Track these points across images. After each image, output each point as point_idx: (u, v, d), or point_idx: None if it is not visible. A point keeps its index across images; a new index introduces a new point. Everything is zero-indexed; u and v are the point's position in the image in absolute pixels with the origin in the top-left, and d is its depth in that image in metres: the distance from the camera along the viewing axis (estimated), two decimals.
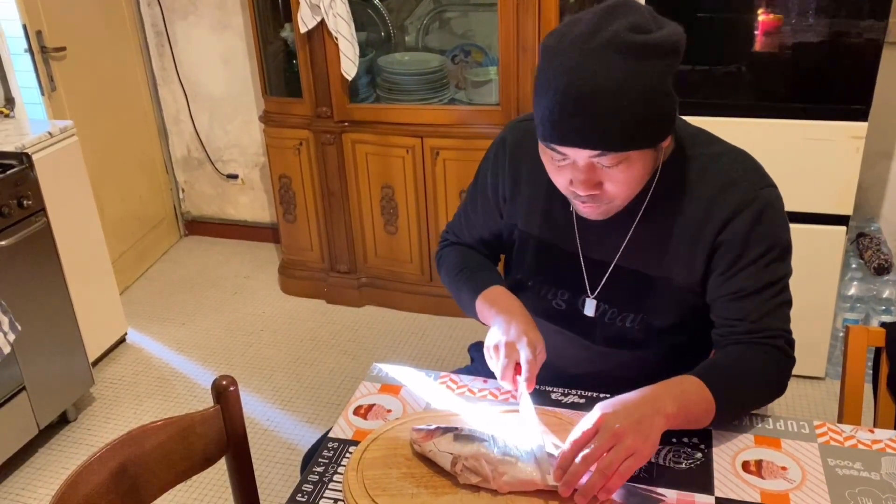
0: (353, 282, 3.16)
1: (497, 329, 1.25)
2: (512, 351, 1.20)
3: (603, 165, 1.10)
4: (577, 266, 1.31)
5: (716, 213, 1.19)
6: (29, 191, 2.28)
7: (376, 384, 1.33)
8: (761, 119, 2.31)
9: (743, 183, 1.19)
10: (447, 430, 1.10)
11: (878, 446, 1.13)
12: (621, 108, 1.03)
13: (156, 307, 3.25)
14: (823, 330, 2.49)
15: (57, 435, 2.51)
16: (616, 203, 1.17)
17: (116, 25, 3.29)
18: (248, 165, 3.65)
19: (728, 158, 1.22)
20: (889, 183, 2.87)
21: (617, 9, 1.06)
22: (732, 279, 1.20)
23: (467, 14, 3.02)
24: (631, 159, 1.10)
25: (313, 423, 2.53)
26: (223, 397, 1.23)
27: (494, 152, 1.39)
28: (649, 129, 1.08)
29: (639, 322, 1.29)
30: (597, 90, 1.02)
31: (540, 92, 1.08)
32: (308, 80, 2.86)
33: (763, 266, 1.18)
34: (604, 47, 1.02)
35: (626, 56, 1.02)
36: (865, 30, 2.17)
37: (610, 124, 1.04)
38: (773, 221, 1.19)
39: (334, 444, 1.18)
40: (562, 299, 1.34)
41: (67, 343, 2.48)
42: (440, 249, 1.53)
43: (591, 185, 1.12)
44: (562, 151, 1.10)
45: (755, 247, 1.18)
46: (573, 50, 1.04)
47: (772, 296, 1.20)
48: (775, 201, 1.20)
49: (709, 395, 1.11)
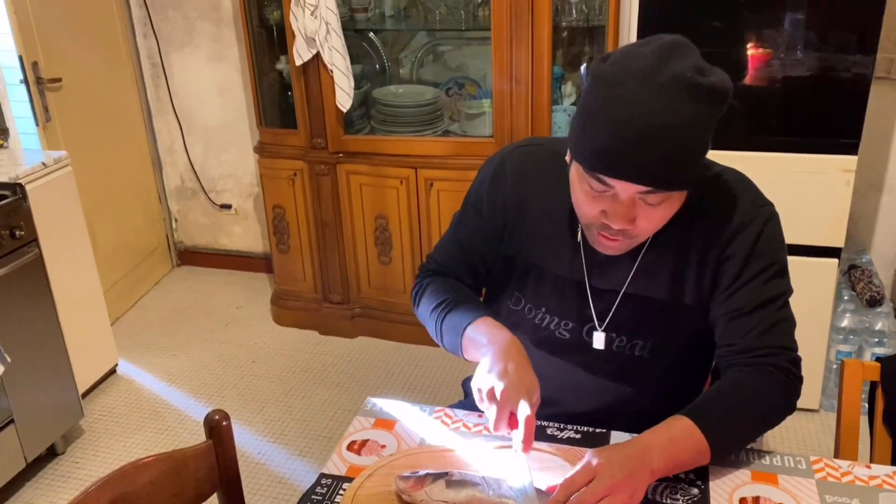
0: (347, 312, 3.15)
1: (490, 371, 1.15)
2: (507, 401, 1.12)
3: (646, 203, 1.09)
4: (584, 296, 1.29)
5: (719, 231, 1.20)
6: (21, 221, 2.28)
7: (370, 419, 1.32)
8: (753, 152, 2.33)
9: (744, 201, 1.20)
10: (437, 477, 1.06)
11: (876, 482, 1.13)
12: (681, 148, 1.03)
13: (147, 337, 3.23)
14: (817, 362, 2.49)
15: (45, 468, 2.47)
16: (639, 240, 1.17)
17: (112, 57, 3.31)
18: (242, 196, 3.65)
19: (727, 178, 1.23)
20: (880, 215, 2.90)
21: (678, 47, 1.05)
22: (733, 297, 1.20)
23: (461, 47, 3.05)
24: (673, 198, 1.11)
25: (305, 457, 2.50)
26: (216, 432, 1.21)
27: (491, 177, 1.33)
28: (696, 170, 1.10)
29: (648, 349, 1.28)
30: (664, 128, 1.01)
31: (594, 120, 1.05)
32: (303, 111, 2.88)
33: (763, 283, 1.19)
34: (672, 85, 1.01)
35: (692, 97, 1.02)
36: (854, 65, 2.20)
37: (669, 163, 1.04)
38: (774, 238, 1.21)
39: (327, 481, 1.17)
40: (566, 329, 1.31)
41: (57, 374, 2.46)
42: (419, 281, 1.43)
43: (627, 219, 1.10)
44: (610, 184, 1.08)
45: (756, 263, 1.19)
46: (638, 83, 1.02)
47: (772, 312, 1.19)
48: (774, 219, 1.22)
49: (700, 437, 1.09)
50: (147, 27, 3.40)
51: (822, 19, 2.20)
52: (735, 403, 1.15)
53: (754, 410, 1.16)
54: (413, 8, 2.97)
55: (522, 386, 1.13)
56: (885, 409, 1.34)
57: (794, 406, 1.20)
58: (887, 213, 2.88)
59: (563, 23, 2.66)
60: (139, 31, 3.43)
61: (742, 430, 1.16)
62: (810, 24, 2.21)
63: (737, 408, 1.15)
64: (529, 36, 2.54)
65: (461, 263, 1.40)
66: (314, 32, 2.65)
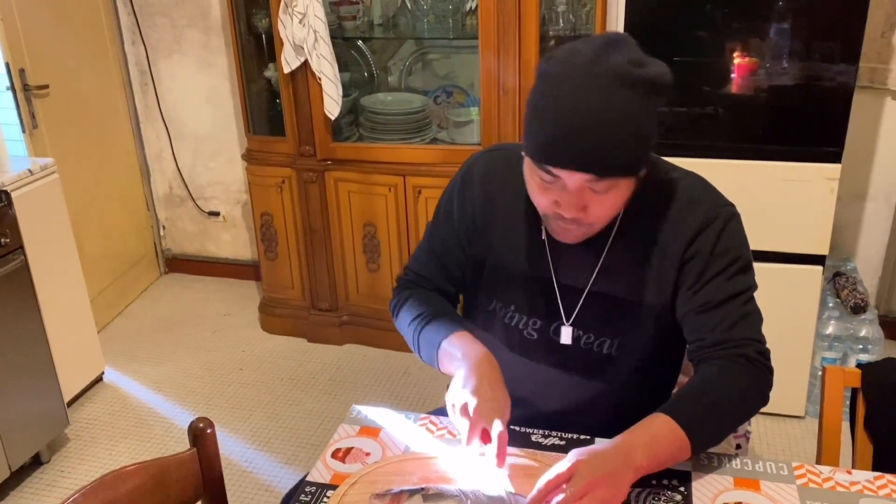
0: (335, 320, 3.15)
1: (464, 386, 1.18)
2: (480, 417, 1.14)
3: (593, 190, 1.13)
4: (552, 293, 1.31)
5: (681, 232, 1.23)
6: (7, 228, 2.27)
7: (355, 426, 1.32)
8: (738, 160, 2.35)
9: (704, 202, 1.24)
10: (413, 493, 1.06)
11: (856, 488, 1.14)
12: (621, 137, 1.08)
13: (134, 346, 3.21)
14: (802, 369, 2.51)
15: (29, 477, 2.45)
16: (595, 227, 1.21)
17: (100, 64, 3.30)
18: (230, 203, 3.65)
19: (688, 181, 1.27)
20: (864, 223, 2.92)
21: (616, 43, 1.11)
22: (699, 293, 1.22)
23: (449, 56, 3.07)
24: (619, 185, 1.14)
25: (291, 465, 2.49)
26: (200, 440, 1.21)
27: (460, 183, 1.40)
28: (640, 158, 1.14)
29: (616, 347, 1.30)
30: (601, 118, 1.07)
31: (538, 115, 1.12)
32: (291, 118, 2.88)
33: (727, 278, 1.22)
34: (608, 77, 1.07)
35: (627, 88, 1.07)
36: (837, 74, 2.23)
37: (609, 152, 1.09)
38: (736, 235, 1.24)
39: (312, 489, 1.17)
40: (534, 329, 1.34)
41: (42, 382, 2.44)
42: (397, 294, 1.46)
43: (578, 208, 1.15)
44: (556, 174, 1.12)
45: (719, 260, 1.22)
46: (577, 77, 1.08)
47: (738, 306, 1.21)
48: (735, 218, 1.25)
49: (681, 433, 1.12)
50: (135, 34, 3.40)
51: (806, 29, 2.22)
52: (711, 397, 1.17)
53: (730, 402, 1.18)
54: (401, 16, 2.98)
55: (495, 402, 1.16)
56: (866, 416, 1.35)
57: (767, 397, 1.22)
58: (871, 221, 2.91)
59: (550, 32, 2.67)
60: (127, 38, 3.43)
61: (719, 422, 1.18)
62: (794, 34, 2.23)
63: (713, 402, 1.17)
64: (517, 44, 2.55)
65: (438, 272, 1.43)
66: (302, 40, 2.66)
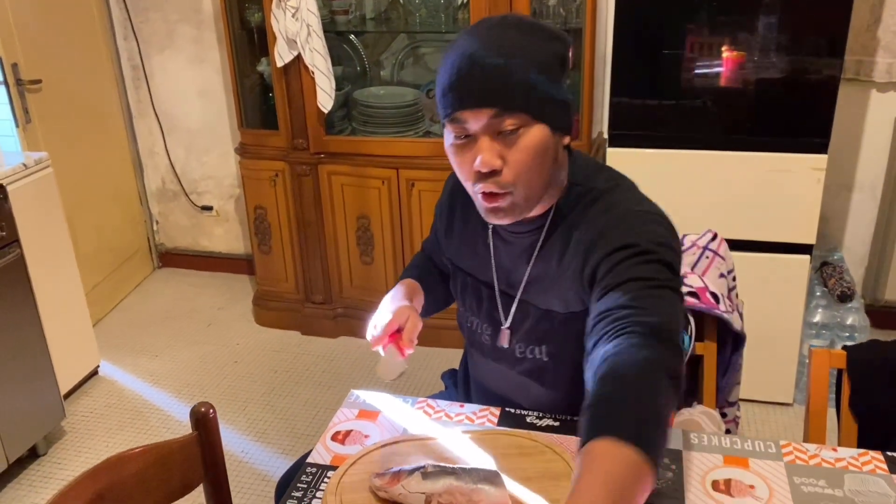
0: (329, 312, 3.17)
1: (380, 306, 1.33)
2: (383, 319, 1.28)
3: (502, 134, 1.11)
4: (493, 298, 1.35)
5: (589, 236, 1.19)
6: (3, 221, 2.28)
7: (354, 410, 1.35)
8: (726, 152, 2.39)
9: (619, 207, 1.20)
10: (412, 471, 1.08)
11: (841, 464, 1.17)
12: (515, 67, 1.10)
13: (129, 339, 3.22)
14: (790, 356, 2.55)
15: (26, 469, 2.47)
16: (518, 194, 1.15)
17: (93, 58, 3.31)
18: (223, 197, 3.66)
19: (617, 191, 1.23)
20: (851, 214, 2.97)
21: (518, 14, 1.22)
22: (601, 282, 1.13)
23: (441, 49, 3.09)
24: (529, 129, 1.12)
25: (288, 454, 2.52)
26: (202, 423, 1.24)
27: (442, 194, 1.47)
28: (543, 103, 1.13)
29: (546, 355, 1.30)
30: (491, 50, 1.11)
31: (440, 75, 1.16)
32: (284, 112, 2.90)
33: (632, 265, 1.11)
34: (503, 26, 1.15)
35: (519, 31, 1.14)
36: (823, 66, 2.26)
37: (505, 82, 1.10)
38: (643, 233, 1.15)
39: (312, 470, 1.20)
40: (487, 333, 1.37)
41: (39, 375, 2.46)
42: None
43: (492, 156, 1.12)
44: (463, 118, 1.12)
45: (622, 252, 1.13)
46: (473, 31, 1.16)
47: (641, 288, 1.08)
48: (647, 219, 1.18)
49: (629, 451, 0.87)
50: (127, 29, 3.41)
51: (792, 23, 2.25)
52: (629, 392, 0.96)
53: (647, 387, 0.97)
54: (393, 10, 3.00)
55: (393, 304, 1.31)
56: (851, 396, 1.39)
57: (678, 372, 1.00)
58: (858, 211, 2.96)
59: None
60: (119, 33, 3.43)
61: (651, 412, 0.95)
62: (781, 27, 2.26)
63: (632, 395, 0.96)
64: None
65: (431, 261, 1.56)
66: (295, 34, 2.68)
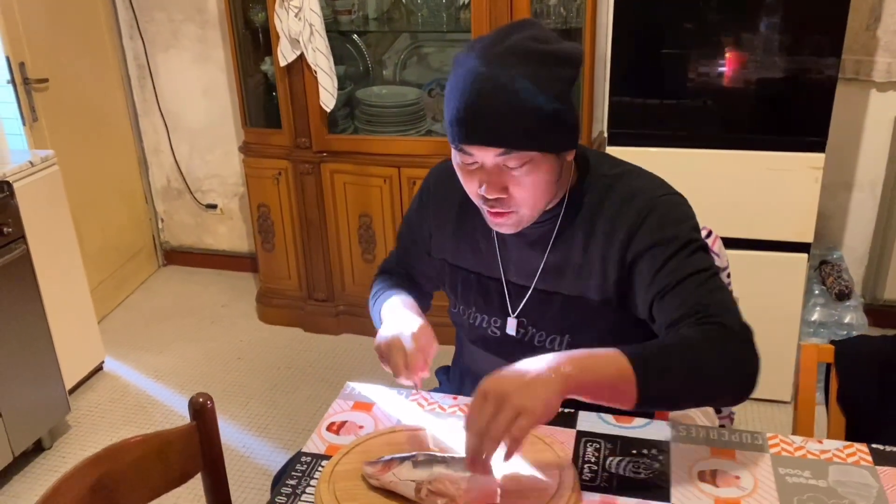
0: (331, 310, 3.20)
1: (382, 329, 1.31)
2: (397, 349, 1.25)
3: (509, 167, 1.14)
4: (502, 291, 1.35)
5: (620, 226, 1.21)
6: (9, 218, 2.31)
7: (349, 402, 1.37)
8: (725, 150, 2.40)
9: (642, 195, 1.22)
10: (403, 459, 1.10)
11: (826, 456, 1.19)
12: (522, 107, 1.10)
13: (134, 336, 3.26)
14: (788, 354, 2.56)
15: (32, 463, 2.50)
16: (524, 212, 1.20)
17: (99, 58, 3.35)
18: (228, 195, 3.70)
19: (628, 177, 1.26)
20: (849, 213, 2.98)
21: (520, 24, 1.16)
22: (653, 283, 1.19)
23: (443, 49, 3.11)
24: (535, 163, 1.14)
25: (289, 449, 2.54)
26: (200, 414, 1.26)
27: (419, 196, 1.45)
28: (550, 134, 1.13)
29: (566, 344, 1.31)
30: (499, 89, 1.09)
31: (448, 98, 1.15)
32: (287, 111, 2.93)
33: (680, 261, 1.17)
34: (506, 53, 1.10)
35: (527, 62, 1.10)
36: (821, 66, 2.28)
37: (512, 122, 1.10)
38: (678, 222, 1.20)
39: (307, 459, 1.22)
40: (495, 326, 1.38)
41: (44, 370, 2.49)
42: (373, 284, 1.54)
43: (499, 187, 1.16)
44: (470, 151, 1.14)
45: (665, 248, 1.18)
46: (478, 57, 1.11)
47: (699, 283, 1.15)
48: (675, 205, 1.22)
49: (624, 362, 1.02)
50: (133, 29, 3.44)
51: (790, 23, 2.27)
52: (669, 344, 1.11)
53: (693, 352, 1.08)
54: (396, 10, 3.02)
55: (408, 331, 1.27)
56: (839, 390, 1.41)
57: (750, 376, 1.11)
58: (857, 210, 2.97)
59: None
60: (125, 32, 3.47)
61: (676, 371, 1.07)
62: (779, 27, 2.28)
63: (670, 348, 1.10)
64: None
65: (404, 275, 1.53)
66: (298, 34, 2.71)
